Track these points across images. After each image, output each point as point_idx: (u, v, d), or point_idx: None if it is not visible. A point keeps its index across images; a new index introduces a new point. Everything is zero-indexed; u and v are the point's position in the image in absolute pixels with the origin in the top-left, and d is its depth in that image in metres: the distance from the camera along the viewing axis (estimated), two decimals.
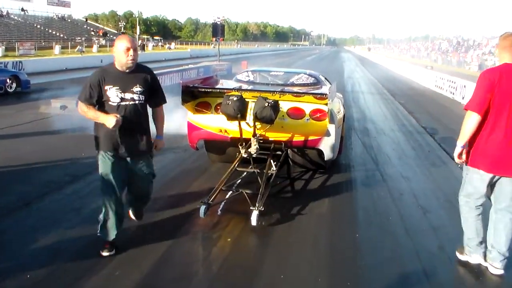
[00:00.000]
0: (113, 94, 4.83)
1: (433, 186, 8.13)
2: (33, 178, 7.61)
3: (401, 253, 5.42)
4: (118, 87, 4.84)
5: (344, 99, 12.37)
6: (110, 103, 4.86)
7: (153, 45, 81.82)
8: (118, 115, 4.75)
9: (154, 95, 5.19)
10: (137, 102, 4.95)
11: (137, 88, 4.93)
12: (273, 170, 7.17)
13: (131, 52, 4.77)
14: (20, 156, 8.88)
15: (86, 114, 4.88)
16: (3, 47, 44.73)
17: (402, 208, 6.92)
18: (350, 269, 5.00)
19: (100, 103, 4.89)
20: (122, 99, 4.88)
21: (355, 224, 6.30)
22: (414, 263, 5.18)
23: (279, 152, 7.66)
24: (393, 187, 7.93)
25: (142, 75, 5.04)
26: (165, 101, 5.40)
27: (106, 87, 4.82)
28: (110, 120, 4.73)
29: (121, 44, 4.77)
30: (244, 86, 8.06)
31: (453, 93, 23.08)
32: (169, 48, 79.90)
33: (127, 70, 4.88)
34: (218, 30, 33.54)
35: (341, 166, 8.98)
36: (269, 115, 6.55)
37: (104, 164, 5.03)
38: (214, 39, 36.23)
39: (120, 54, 4.78)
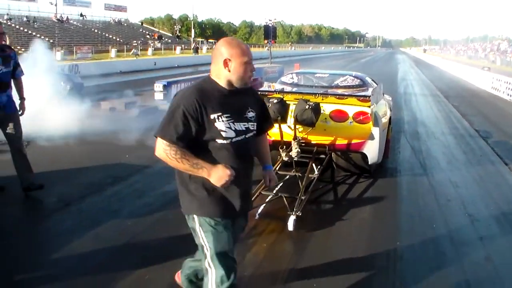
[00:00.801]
0: (224, 125, 3.16)
1: (483, 193, 7.75)
2: (76, 179, 7.65)
3: (444, 264, 5.13)
4: (229, 115, 3.19)
5: (396, 101, 12.10)
6: (219, 141, 3.18)
7: (208, 48, 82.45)
8: (229, 169, 3.13)
9: (263, 119, 3.60)
10: (251, 134, 3.38)
11: (250, 113, 3.36)
12: (315, 174, 7.01)
13: (251, 64, 3.32)
14: (65, 157, 8.99)
15: (175, 162, 3.10)
16: (62, 51, 45.91)
17: (448, 216, 6.59)
18: (389, 279, 4.77)
19: (199, 143, 3.19)
20: (237, 133, 3.24)
21: (397, 231, 6.03)
22: (458, 275, 4.89)
23: (322, 156, 7.48)
24: (441, 193, 7.60)
25: (250, 93, 3.52)
26: (272, 125, 4.05)
27: (212, 116, 3.14)
28: (222, 176, 3.11)
29: (240, 53, 3.21)
30: (288, 88, 7.95)
31: (511, 95, 22.31)
32: None
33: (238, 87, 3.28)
34: (270, 33, 33.41)
35: (387, 171, 8.69)
36: (309, 117, 6.41)
37: (219, 237, 3.25)
38: (266, 41, 36.06)
39: (239, 67, 3.19)
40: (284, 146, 6.96)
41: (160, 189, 7.25)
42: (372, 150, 7.28)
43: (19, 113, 6.66)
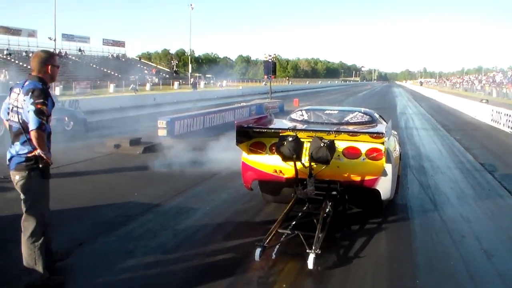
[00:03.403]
0: None
1: (496, 228, 7.75)
2: (86, 218, 7.64)
3: None
4: None
5: (398, 136, 12.11)
6: None
7: (205, 83, 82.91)
8: None
9: None
10: None
11: None
12: (329, 211, 7.02)
13: None
14: (74, 195, 8.98)
15: None
16: (61, 86, 46.13)
17: (464, 252, 6.57)
18: None
19: None
20: None
21: (415, 268, 6.00)
22: None
23: (334, 192, 7.48)
24: (453, 228, 7.58)
25: None
26: None
27: None
28: None
29: None
30: (299, 126, 8.01)
31: None
32: (221, 86, 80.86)
33: None
34: (269, 68, 33.63)
35: (398, 207, 8.69)
36: (325, 155, 6.43)
37: None
38: (266, 77, 36.32)
39: None
40: (299, 184, 6.97)
41: (171, 229, 7.22)
42: (385, 187, 7.28)
43: None
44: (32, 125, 4.83)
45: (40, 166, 4.99)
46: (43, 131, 4.89)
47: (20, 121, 4.93)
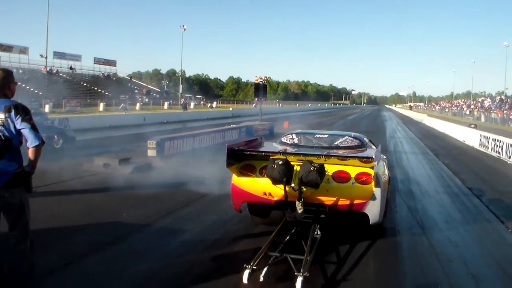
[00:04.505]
0: None
1: (484, 253, 7.79)
2: (74, 238, 7.60)
3: None
4: None
5: (387, 160, 12.17)
6: None
7: (195, 104, 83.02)
8: None
9: None
10: None
11: None
12: (317, 234, 7.05)
13: None
14: (62, 214, 8.94)
15: None
16: (51, 103, 46.09)
17: (452, 276, 6.60)
18: None
19: None
20: None
21: None
22: None
23: (323, 216, 7.51)
24: (441, 253, 7.60)
25: None
26: None
27: None
28: None
29: None
30: (289, 149, 8.07)
31: (499, 152, 22.57)
32: (211, 107, 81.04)
33: None
34: (260, 90, 33.72)
35: (386, 230, 8.69)
36: (314, 179, 6.48)
37: None
38: (256, 99, 36.39)
39: None
40: (288, 207, 7.00)
41: (160, 251, 7.19)
42: (373, 211, 7.32)
43: None
44: (34, 141, 4.89)
45: (27, 181, 5.01)
46: (43, 145, 4.99)
47: (3, 138, 4.92)
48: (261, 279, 6.08)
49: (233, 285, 5.97)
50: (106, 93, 72.89)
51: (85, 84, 76.11)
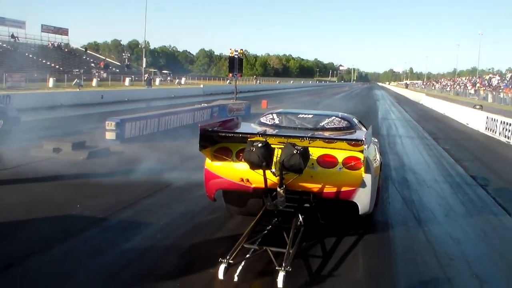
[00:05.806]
0: None
1: (489, 250, 7.87)
2: (18, 234, 7.50)
3: None
4: None
5: (379, 144, 12.22)
6: None
7: (161, 80, 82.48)
8: None
9: None
10: None
11: None
12: (300, 225, 7.07)
13: None
14: (4, 207, 8.81)
15: None
16: None
17: (453, 277, 6.65)
18: None
19: None
20: None
21: None
22: None
23: (307, 205, 7.53)
24: (441, 250, 7.65)
25: None
26: None
27: None
28: None
29: None
30: (269, 130, 8.05)
31: (508, 137, 22.81)
32: (179, 84, 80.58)
33: None
34: (235, 65, 33.52)
35: (378, 224, 8.76)
36: (297, 163, 6.48)
37: None
38: (231, 75, 36.18)
39: None
40: (268, 194, 7.01)
41: (119, 246, 7.14)
42: (363, 199, 7.36)
43: None
44: None
45: None
46: None
47: None
48: (238, 273, 6.09)
49: (207, 282, 5.99)
50: (57, 67, 72.08)
51: (30, 56, 74.93)
